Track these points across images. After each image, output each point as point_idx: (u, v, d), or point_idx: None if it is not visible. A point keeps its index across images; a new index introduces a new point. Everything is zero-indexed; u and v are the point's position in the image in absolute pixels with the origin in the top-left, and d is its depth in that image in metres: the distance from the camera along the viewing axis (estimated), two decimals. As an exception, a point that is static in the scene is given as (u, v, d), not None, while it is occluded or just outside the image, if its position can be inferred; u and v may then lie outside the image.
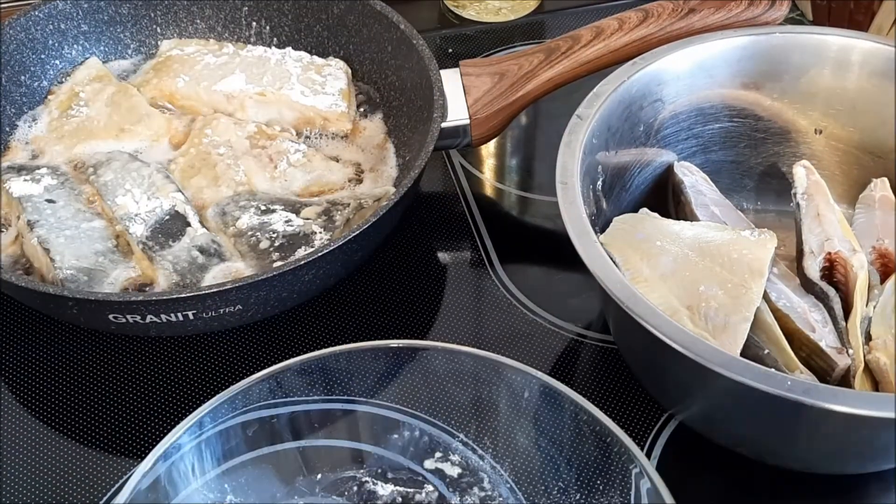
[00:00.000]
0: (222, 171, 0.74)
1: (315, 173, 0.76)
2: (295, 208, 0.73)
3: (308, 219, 0.72)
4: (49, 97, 0.82)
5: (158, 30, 0.87)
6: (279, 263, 0.65)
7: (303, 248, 0.69)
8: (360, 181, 0.78)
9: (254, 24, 0.87)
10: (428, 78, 0.74)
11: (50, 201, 0.72)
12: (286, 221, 0.71)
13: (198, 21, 0.87)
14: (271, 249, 0.70)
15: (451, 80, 0.75)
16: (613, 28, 0.75)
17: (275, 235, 0.70)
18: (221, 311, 0.63)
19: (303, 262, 0.62)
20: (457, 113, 0.74)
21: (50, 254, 0.68)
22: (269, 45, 0.86)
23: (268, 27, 0.86)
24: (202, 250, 0.69)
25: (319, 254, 0.62)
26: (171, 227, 0.70)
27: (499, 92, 0.75)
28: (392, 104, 0.82)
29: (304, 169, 0.76)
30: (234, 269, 0.69)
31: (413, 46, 0.77)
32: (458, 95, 0.74)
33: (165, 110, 0.81)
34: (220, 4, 0.87)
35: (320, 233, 0.71)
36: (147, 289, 0.68)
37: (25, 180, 0.73)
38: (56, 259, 0.67)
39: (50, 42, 0.83)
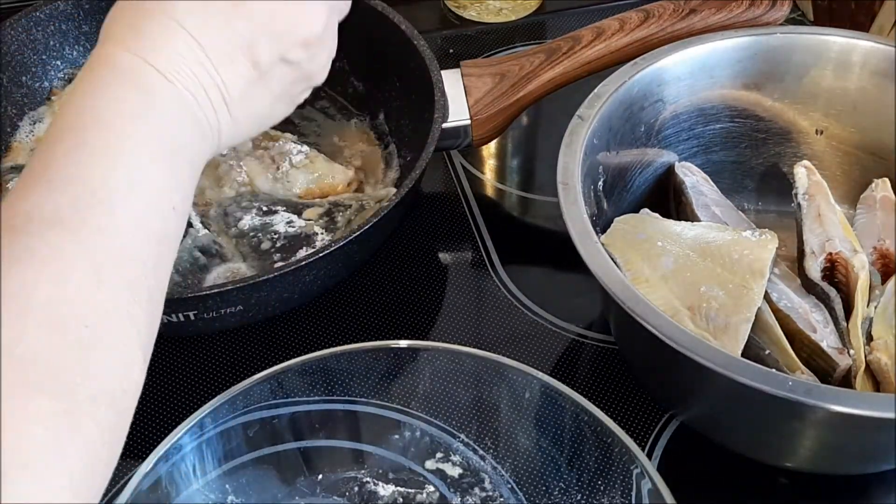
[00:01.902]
0: (224, 171, 0.74)
1: (317, 174, 0.76)
2: (296, 209, 0.73)
3: (310, 220, 0.72)
4: (52, 97, 0.82)
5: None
6: (280, 264, 0.65)
7: (304, 248, 0.69)
8: (361, 184, 0.78)
9: None
10: (429, 78, 0.74)
11: None
12: (288, 222, 0.71)
13: None
14: (272, 250, 0.70)
15: (451, 80, 0.75)
16: (614, 28, 0.75)
17: (276, 236, 0.70)
18: (222, 311, 0.63)
19: (304, 263, 0.62)
20: (458, 113, 0.74)
21: None
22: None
23: None
24: (203, 251, 0.69)
25: (320, 254, 0.62)
26: None
27: (500, 92, 0.75)
28: (393, 105, 0.82)
29: (307, 170, 0.76)
30: (236, 269, 0.69)
31: (414, 47, 0.77)
32: (460, 96, 0.74)
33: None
34: None
35: (322, 234, 0.71)
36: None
37: (27, 181, 0.73)
38: None
39: (51, 43, 0.83)
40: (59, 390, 0.35)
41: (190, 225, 0.70)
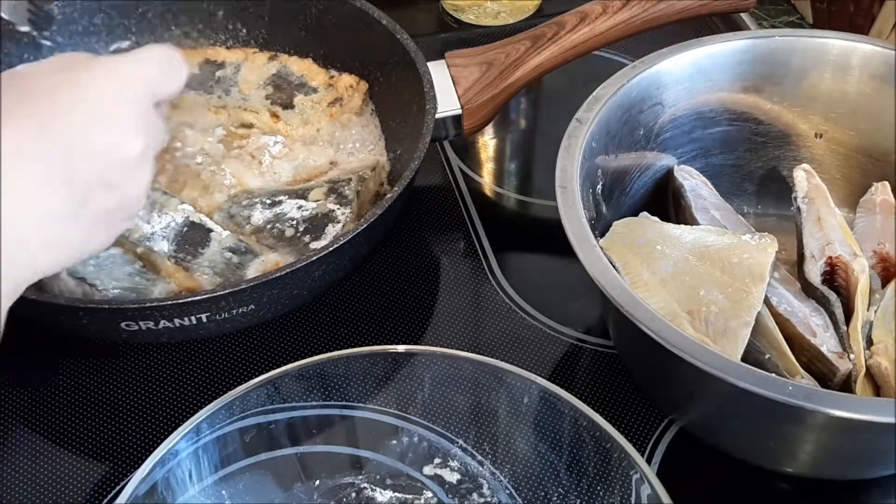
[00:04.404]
0: (209, 178, 0.74)
1: (299, 160, 0.76)
2: (300, 194, 0.73)
3: (318, 200, 0.72)
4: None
5: (134, 38, 0.85)
6: (315, 244, 0.66)
7: (330, 225, 0.70)
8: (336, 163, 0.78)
9: (229, 27, 0.86)
10: (416, 71, 0.74)
11: None
12: (299, 207, 0.72)
13: (172, 27, 0.86)
14: (299, 234, 0.70)
15: (438, 71, 0.75)
16: (597, 12, 0.75)
17: (295, 222, 0.71)
18: (234, 311, 0.63)
19: (314, 258, 0.62)
20: (447, 104, 0.74)
21: (88, 281, 0.65)
22: (247, 46, 0.85)
23: (244, 30, 0.85)
24: (233, 250, 0.69)
25: (331, 248, 0.62)
26: (193, 236, 0.70)
27: (488, 81, 0.75)
28: (378, 100, 0.81)
29: (288, 158, 0.76)
30: (272, 260, 0.68)
31: (397, 41, 0.77)
32: (448, 87, 0.74)
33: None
34: (194, 10, 0.86)
35: (339, 208, 0.71)
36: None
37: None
38: (97, 283, 0.65)
39: (24, 56, 0.81)
40: None
41: (210, 230, 0.70)
